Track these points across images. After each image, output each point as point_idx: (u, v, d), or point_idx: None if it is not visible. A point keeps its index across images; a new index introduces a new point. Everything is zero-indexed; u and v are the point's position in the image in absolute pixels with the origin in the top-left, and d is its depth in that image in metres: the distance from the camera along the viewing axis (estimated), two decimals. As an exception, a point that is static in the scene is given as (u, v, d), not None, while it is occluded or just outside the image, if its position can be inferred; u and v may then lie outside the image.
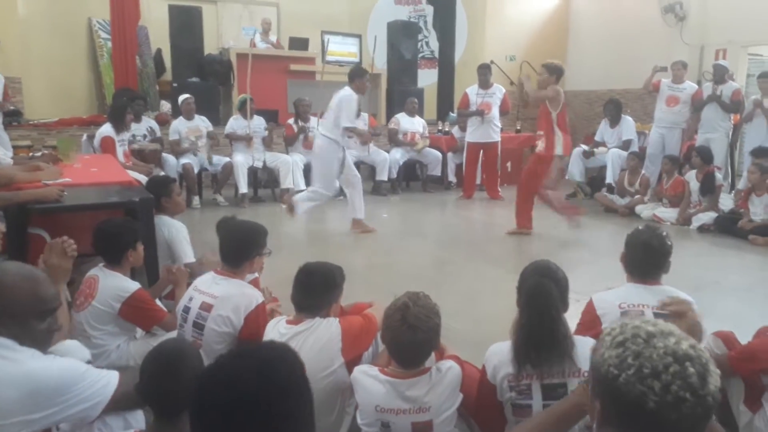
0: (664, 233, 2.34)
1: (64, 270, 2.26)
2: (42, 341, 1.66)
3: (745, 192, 6.05)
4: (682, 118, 7.36)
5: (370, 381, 1.94)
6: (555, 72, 5.43)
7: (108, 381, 1.66)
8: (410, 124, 8.34)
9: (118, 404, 1.69)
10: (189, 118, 7.12)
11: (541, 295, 1.85)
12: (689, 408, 0.98)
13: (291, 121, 7.61)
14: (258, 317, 2.43)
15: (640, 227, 2.41)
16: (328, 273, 2.27)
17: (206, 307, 2.45)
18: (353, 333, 2.19)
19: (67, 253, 2.25)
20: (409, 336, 1.85)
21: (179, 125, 7.09)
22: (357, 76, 5.52)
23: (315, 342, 2.13)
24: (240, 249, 2.57)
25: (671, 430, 0.99)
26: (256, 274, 2.66)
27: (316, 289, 2.23)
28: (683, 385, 0.98)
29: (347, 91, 5.48)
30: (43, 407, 1.53)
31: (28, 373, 1.53)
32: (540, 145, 5.53)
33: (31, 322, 1.61)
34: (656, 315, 2.02)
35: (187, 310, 2.51)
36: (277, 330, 2.21)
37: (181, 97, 7.14)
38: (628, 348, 1.04)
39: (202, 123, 7.21)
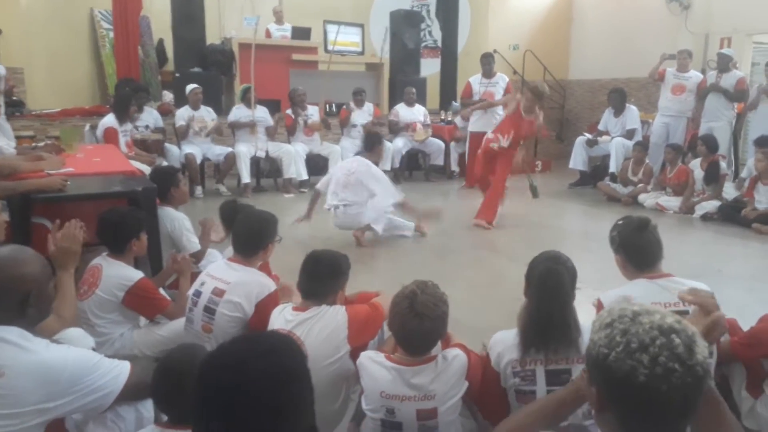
0: (641, 215, 2.26)
1: (74, 254, 2.27)
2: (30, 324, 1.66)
3: (752, 180, 6.03)
4: (688, 106, 7.33)
5: (376, 367, 1.94)
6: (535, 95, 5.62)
7: (120, 371, 1.68)
8: (410, 114, 8.31)
9: (130, 394, 1.70)
10: (195, 108, 7.12)
11: (552, 278, 1.86)
12: (678, 378, 1.00)
13: (289, 111, 7.61)
14: (269, 305, 2.43)
15: (620, 222, 2.23)
16: (334, 260, 2.28)
17: (218, 293, 2.46)
18: (360, 321, 2.19)
19: (78, 237, 2.25)
20: (416, 324, 1.85)
21: (185, 113, 7.10)
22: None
23: (321, 329, 2.13)
24: (254, 239, 2.60)
25: (663, 402, 1.00)
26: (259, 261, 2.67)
27: (322, 277, 2.23)
28: (671, 356, 1.00)
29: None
30: (57, 396, 1.54)
31: (42, 362, 1.54)
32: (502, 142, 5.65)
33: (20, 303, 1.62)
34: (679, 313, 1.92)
35: (198, 294, 2.52)
36: (283, 316, 2.21)
37: (189, 87, 7.14)
38: (615, 327, 1.07)
39: (207, 114, 7.20)
